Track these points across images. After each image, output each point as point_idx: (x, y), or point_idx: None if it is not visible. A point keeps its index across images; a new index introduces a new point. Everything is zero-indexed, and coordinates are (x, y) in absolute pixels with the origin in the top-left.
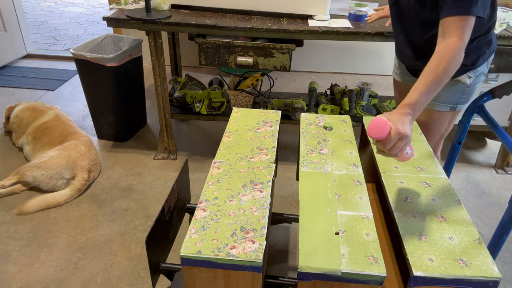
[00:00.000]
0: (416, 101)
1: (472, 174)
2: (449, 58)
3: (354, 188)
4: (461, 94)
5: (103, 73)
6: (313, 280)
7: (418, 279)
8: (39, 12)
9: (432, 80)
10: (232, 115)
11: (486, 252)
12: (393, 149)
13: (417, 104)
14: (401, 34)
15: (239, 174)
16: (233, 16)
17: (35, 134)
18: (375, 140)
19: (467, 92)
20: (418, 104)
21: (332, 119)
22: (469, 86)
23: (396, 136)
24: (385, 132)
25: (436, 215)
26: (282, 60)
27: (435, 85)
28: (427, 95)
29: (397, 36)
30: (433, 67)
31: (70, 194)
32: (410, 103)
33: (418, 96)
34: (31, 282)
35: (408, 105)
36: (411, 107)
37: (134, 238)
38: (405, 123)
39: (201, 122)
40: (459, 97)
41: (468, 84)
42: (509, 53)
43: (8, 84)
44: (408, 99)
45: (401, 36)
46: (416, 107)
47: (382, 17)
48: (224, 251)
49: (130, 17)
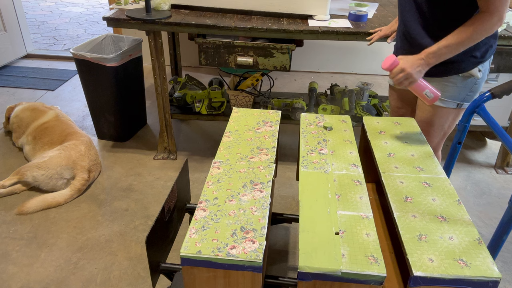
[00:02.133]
0: (434, 51)
1: (472, 174)
2: (478, 27)
3: (354, 188)
4: (469, 90)
5: (103, 73)
6: (313, 280)
7: (418, 279)
8: (39, 12)
9: (457, 39)
10: (232, 115)
11: (486, 252)
12: (395, 80)
13: (434, 53)
14: (401, 26)
15: (239, 174)
16: (233, 16)
17: (35, 134)
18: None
19: (474, 89)
20: (435, 53)
21: (332, 119)
22: (477, 83)
23: (399, 71)
24: (388, 64)
25: (436, 215)
26: (282, 60)
27: (457, 44)
28: (446, 50)
29: (398, 33)
30: (461, 29)
31: (70, 194)
32: (427, 51)
33: (437, 47)
34: (31, 282)
35: (425, 52)
36: (427, 54)
37: (134, 238)
38: (413, 64)
39: (201, 122)
40: (466, 93)
41: (479, 77)
42: (509, 53)
43: (8, 84)
44: (428, 48)
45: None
46: (431, 55)
47: (382, 36)
48: (224, 251)
49: (130, 17)
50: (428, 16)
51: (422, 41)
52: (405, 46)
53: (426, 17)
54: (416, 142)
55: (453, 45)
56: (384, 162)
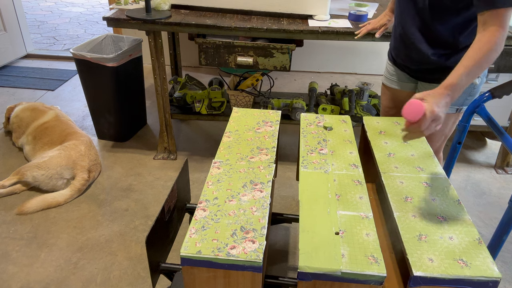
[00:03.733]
0: (457, 83)
1: (472, 174)
2: (491, 45)
3: (354, 188)
4: (468, 95)
5: (103, 73)
6: (313, 280)
7: (418, 279)
8: (39, 12)
9: (474, 64)
10: (232, 115)
11: (486, 252)
12: (426, 130)
13: (457, 85)
14: (398, 28)
15: (239, 174)
16: (233, 16)
17: (35, 134)
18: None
19: (473, 93)
20: (458, 85)
21: (332, 119)
22: (475, 87)
23: (431, 118)
24: (421, 114)
25: (436, 215)
26: (282, 60)
27: (476, 68)
28: (467, 78)
29: (394, 33)
30: (475, 51)
31: (70, 194)
32: (451, 84)
33: (459, 77)
34: (31, 282)
35: (448, 85)
36: (451, 88)
37: (134, 238)
38: (441, 104)
39: (201, 122)
40: (465, 98)
41: (477, 83)
42: (509, 53)
43: (8, 84)
44: (449, 80)
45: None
46: (456, 88)
47: (370, 30)
48: (224, 251)
49: (130, 17)
50: (428, 23)
51: (420, 46)
52: (401, 48)
53: (426, 24)
54: (416, 142)
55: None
56: (384, 162)
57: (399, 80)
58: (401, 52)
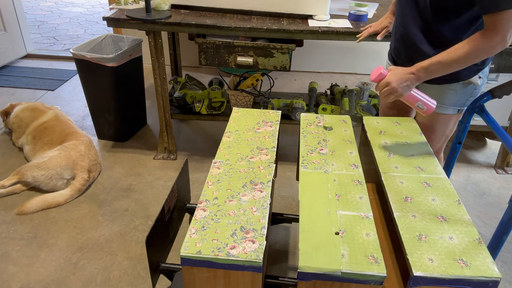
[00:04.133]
0: (426, 66)
1: (472, 174)
2: (478, 43)
3: (354, 188)
4: (469, 96)
5: (103, 73)
6: (313, 280)
7: (418, 279)
8: (39, 12)
9: (452, 56)
10: (232, 115)
11: (486, 252)
12: (380, 94)
13: (426, 69)
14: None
15: (239, 174)
16: (233, 16)
17: (35, 134)
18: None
19: (474, 94)
20: (427, 68)
21: (332, 119)
22: (477, 88)
23: (384, 84)
24: (374, 76)
25: (436, 215)
26: (282, 60)
27: (451, 62)
28: (440, 67)
29: (395, 34)
30: (459, 46)
31: (70, 194)
32: (420, 65)
33: (431, 62)
34: (31, 282)
35: (418, 66)
36: (418, 68)
37: (134, 238)
38: (401, 78)
39: (201, 122)
40: (466, 99)
41: (479, 84)
42: (509, 53)
43: (8, 84)
44: (422, 63)
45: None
46: (423, 70)
47: (372, 33)
48: (224, 251)
49: (130, 17)
50: (430, 23)
51: (421, 46)
52: (401, 48)
53: (428, 24)
54: (416, 142)
55: (447, 63)
56: (384, 162)
57: None
58: (401, 52)
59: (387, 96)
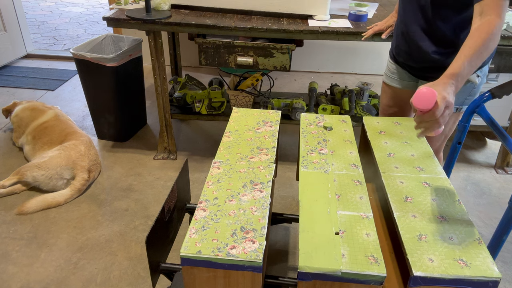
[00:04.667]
0: (460, 71)
1: (472, 174)
2: (490, 33)
3: (354, 188)
4: (468, 95)
5: (103, 73)
6: (313, 280)
7: (418, 279)
8: (39, 12)
9: (474, 52)
10: (232, 115)
11: (486, 252)
12: (441, 117)
13: (460, 74)
14: (401, 25)
15: (239, 174)
16: (233, 16)
17: (35, 134)
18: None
19: (473, 93)
20: (461, 74)
21: (332, 119)
22: (475, 87)
23: (444, 104)
24: (433, 101)
25: (436, 215)
26: (282, 60)
27: (476, 57)
28: (469, 67)
29: (396, 31)
30: (474, 40)
31: (70, 194)
32: (454, 73)
33: (462, 66)
34: (31, 282)
35: (451, 75)
36: (455, 77)
37: (134, 238)
38: (449, 91)
39: (201, 122)
40: (465, 98)
41: (477, 83)
42: (509, 53)
43: (8, 84)
44: (451, 69)
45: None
46: (459, 77)
47: (377, 31)
48: (224, 251)
49: (130, 17)
50: (430, 20)
51: (421, 43)
52: (402, 45)
53: (428, 21)
54: (416, 142)
55: (473, 59)
56: (384, 162)
57: (400, 78)
58: (402, 50)
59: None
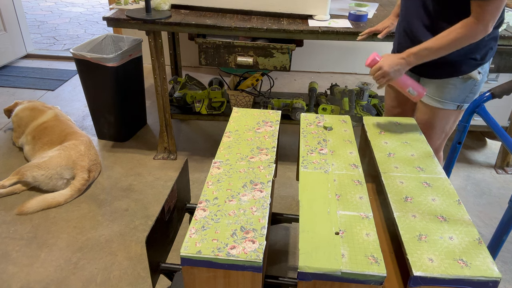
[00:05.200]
0: (415, 51)
1: (472, 174)
2: (462, 31)
3: (354, 188)
4: (469, 92)
5: (103, 73)
6: (313, 280)
7: (418, 279)
8: (39, 12)
9: (439, 43)
10: (232, 115)
11: (486, 252)
12: (373, 78)
13: (415, 54)
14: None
15: (239, 174)
16: (233, 16)
17: (34, 134)
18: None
19: (474, 91)
20: (415, 54)
21: (332, 119)
22: (476, 84)
23: (377, 69)
24: (368, 61)
25: (436, 215)
26: (282, 60)
27: (438, 48)
28: (427, 52)
29: (398, 29)
30: (445, 34)
31: (70, 194)
32: (410, 51)
33: (419, 48)
34: (31, 282)
35: (407, 52)
36: (408, 54)
37: (134, 238)
38: (392, 63)
39: (201, 122)
40: (466, 95)
41: (478, 79)
42: (509, 53)
43: (8, 84)
44: (411, 49)
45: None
46: (412, 55)
47: (373, 31)
48: (224, 251)
49: (130, 17)
50: (433, 16)
51: (423, 40)
52: (405, 43)
53: (430, 17)
54: (416, 142)
55: (434, 49)
56: (384, 162)
57: None
58: (404, 47)
59: (379, 80)
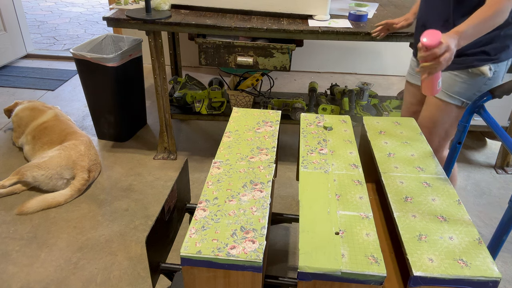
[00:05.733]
0: (464, 30)
1: (472, 174)
2: (496, 9)
3: (354, 188)
4: (477, 90)
5: (103, 73)
6: (313, 280)
7: (418, 279)
8: (39, 12)
9: (482, 18)
10: (232, 115)
11: (486, 252)
12: (441, 58)
13: (463, 33)
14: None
15: (239, 174)
16: (233, 16)
17: (34, 133)
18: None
19: (482, 89)
20: (464, 33)
21: (332, 119)
22: (486, 83)
23: (445, 46)
24: (438, 38)
25: (436, 215)
26: (282, 60)
27: (483, 24)
28: (473, 30)
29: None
30: (484, 9)
31: (70, 194)
32: (458, 31)
33: (466, 26)
34: (31, 282)
35: (455, 31)
36: (458, 33)
37: (134, 238)
38: (452, 40)
39: (201, 122)
40: (473, 92)
41: (489, 77)
42: None
43: (8, 84)
44: (457, 28)
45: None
46: (462, 35)
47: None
48: (224, 251)
49: (130, 17)
50: (451, 12)
51: None
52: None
53: (449, 13)
54: (416, 142)
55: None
56: (384, 162)
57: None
58: None
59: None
